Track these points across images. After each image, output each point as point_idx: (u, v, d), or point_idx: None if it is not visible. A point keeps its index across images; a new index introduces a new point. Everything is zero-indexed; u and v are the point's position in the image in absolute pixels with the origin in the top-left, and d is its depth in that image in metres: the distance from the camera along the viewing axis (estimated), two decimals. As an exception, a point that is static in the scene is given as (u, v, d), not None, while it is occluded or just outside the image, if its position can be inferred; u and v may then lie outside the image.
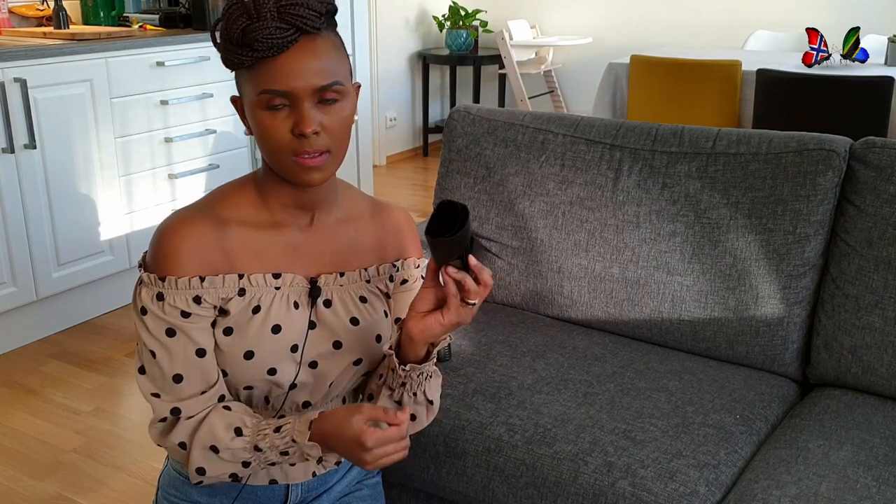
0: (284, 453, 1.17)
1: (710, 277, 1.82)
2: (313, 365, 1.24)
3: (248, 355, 1.19)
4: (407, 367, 1.20)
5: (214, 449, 1.17)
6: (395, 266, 1.31)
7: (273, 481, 1.30)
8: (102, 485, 2.28)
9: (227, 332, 1.18)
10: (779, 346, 1.79)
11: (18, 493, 2.26)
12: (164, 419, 1.19)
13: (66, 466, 2.37)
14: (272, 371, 1.21)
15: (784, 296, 1.77)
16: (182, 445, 1.18)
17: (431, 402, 1.27)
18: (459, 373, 1.71)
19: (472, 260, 1.11)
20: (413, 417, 1.27)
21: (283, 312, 1.20)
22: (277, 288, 1.20)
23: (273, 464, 1.20)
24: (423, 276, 1.27)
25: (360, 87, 1.20)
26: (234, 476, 1.21)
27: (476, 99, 5.82)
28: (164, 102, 3.32)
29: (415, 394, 1.24)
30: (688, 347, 1.87)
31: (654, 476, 1.42)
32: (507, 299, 2.08)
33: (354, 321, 1.26)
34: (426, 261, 1.23)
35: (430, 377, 1.24)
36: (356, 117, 1.31)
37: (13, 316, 3.02)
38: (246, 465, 1.19)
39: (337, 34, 1.15)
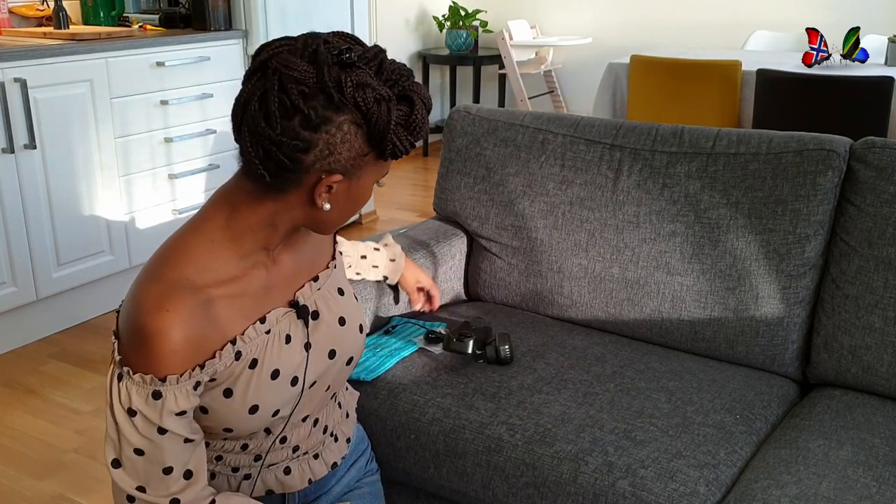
0: None
1: (710, 277, 1.82)
2: (312, 384, 1.23)
3: (253, 409, 1.16)
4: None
5: None
6: None
7: (270, 492, 1.29)
8: (103, 485, 2.28)
9: (227, 393, 1.14)
10: (779, 346, 1.79)
11: (19, 493, 2.26)
12: None
13: (67, 466, 2.37)
14: (276, 413, 1.19)
15: (784, 296, 1.77)
16: None
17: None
18: (459, 373, 1.71)
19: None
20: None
21: (277, 354, 1.17)
22: (267, 332, 1.16)
23: None
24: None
25: None
26: None
27: (476, 99, 5.82)
28: (164, 102, 3.32)
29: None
30: (688, 347, 1.87)
31: (654, 476, 1.42)
32: (507, 299, 2.08)
33: (342, 321, 1.27)
34: None
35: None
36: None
37: (13, 316, 3.02)
38: None
39: None
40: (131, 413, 1.06)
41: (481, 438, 1.55)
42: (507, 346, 1.74)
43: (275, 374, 1.16)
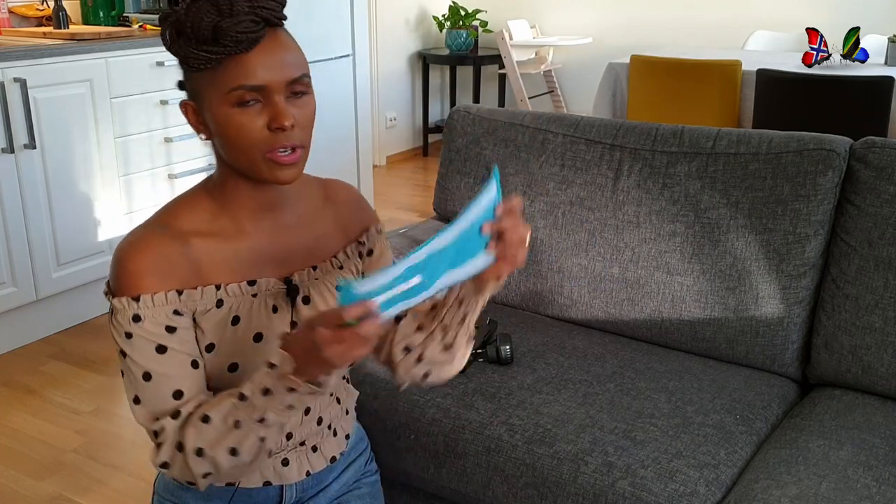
0: (266, 391, 1.07)
1: (710, 277, 1.82)
2: None
3: (233, 367, 1.17)
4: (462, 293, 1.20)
5: (206, 419, 1.10)
6: (360, 242, 1.31)
7: (267, 483, 1.29)
8: (102, 485, 2.29)
9: (210, 348, 1.16)
10: (779, 346, 1.78)
11: (18, 493, 2.26)
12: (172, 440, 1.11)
13: (66, 466, 2.37)
14: None
15: (784, 296, 1.77)
16: (198, 452, 1.10)
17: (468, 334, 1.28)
18: (459, 373, 1.71)
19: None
20: (449, 347, 1.29)
21: (264, 319, 1.18)
22: (254, 295, 1.17)
23: (283, 417, 1.10)
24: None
25: None
26: (263, 440, 1.11)
27: (476, 99, 5.82)
28: (163, 102, 3.32)
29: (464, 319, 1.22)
30: (688, 347, 1.87)
31: (654, 476, 1.42)
32: (507, 299, 2.07)
33: None
34: (382, 225, 1.33)
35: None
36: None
37: (13, 316, 3.02)
38: (262, 421, 1.09)
39: None
40: (128, 336, 1.11)
41: (481, 438, 1.55)
42: (507, 347, 1.74)
43: (258, 337, 1.17)
